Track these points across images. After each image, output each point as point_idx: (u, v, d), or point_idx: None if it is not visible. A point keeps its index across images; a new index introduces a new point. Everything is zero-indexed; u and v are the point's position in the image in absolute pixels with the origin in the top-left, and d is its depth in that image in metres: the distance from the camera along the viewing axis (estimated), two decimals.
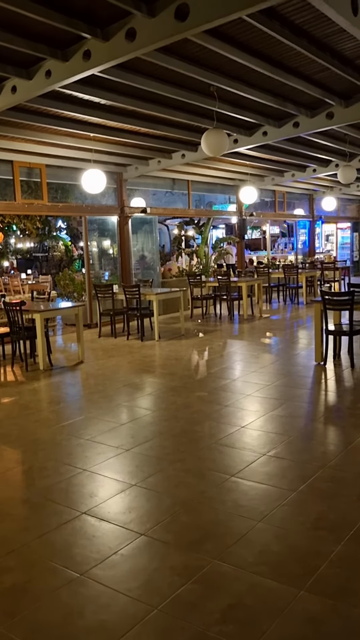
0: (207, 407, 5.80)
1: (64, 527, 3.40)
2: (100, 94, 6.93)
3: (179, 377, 7.08)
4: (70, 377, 7.49)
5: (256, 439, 4.79)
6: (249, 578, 2.80)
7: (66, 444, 4.88)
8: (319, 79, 7.10)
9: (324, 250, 22.52)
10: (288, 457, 4.35)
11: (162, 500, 3.72)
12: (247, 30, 5.38)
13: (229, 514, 3.48)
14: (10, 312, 7.87)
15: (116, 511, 3.60)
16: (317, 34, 5.69)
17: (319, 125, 8.61)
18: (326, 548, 3.03)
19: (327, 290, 7.28)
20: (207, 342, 9.58)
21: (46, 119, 7.94)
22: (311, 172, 14.10)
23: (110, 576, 2.87)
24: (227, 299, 12.39)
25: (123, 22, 4.99)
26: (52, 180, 11.14)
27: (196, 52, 5.94)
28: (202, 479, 4.03)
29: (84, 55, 5.43)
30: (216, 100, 7.40)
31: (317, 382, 6.77)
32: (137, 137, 9.46)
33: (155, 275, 13.55)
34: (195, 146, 10.42)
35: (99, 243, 13.10)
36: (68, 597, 2.73)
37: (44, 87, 6.02)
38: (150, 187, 13.65)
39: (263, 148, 10.81)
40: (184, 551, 3.07)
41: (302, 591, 2.67)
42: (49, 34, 5.25)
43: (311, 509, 3.49)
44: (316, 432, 5.01)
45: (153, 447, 4.69)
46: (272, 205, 18.14)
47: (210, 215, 15.91)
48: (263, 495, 3.71)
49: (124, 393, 6.51)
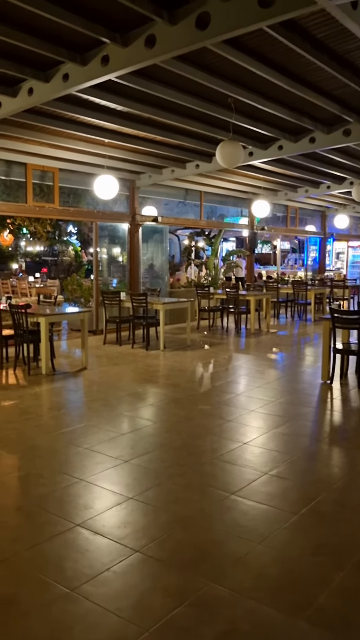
0: (210, 421, 5.69)
1: (57, 539, 3.30)
2: (117, 100, 6.90)
3: (183, 389, 6.98)
4: (73, 383, 7.40)
5: (258, 457, 4.68)
6: (245, 603, 2.68)
7: (64, 451, 4.78)
8: (338, 95, 7.04)
9: (334, 268, 22.40)
10: (290, 477, 4.24)
11: (159, 515, 3.61)
12: (268, 42, 5.32)
13: (228, 533, 3.36)
14: (15, 314, 7.81)
15: (111, 525, 3.49)
16: (338, 50, 5.63)
17: (335, 141, 8.55)
18: (327, 575, 2.91)
19: (336, 308, 7.18)
20: (213, 354, 9.48)
21: (61, 122, 7.92)
22: (325, 188, 14.03)
23: (101, 594, 2.76)
24: (234, 312, 12.30)
25: (143, 28, 4.95)
26: (65, 185, 11.12)
27: (215, 62, 5.90)
28: (202, 495, 3.92)
29: (102, 60, 5.40)
30: (233, 112, 7.36)
31: (323, 401, 6.64)
32: (152, 145, 9.43)
33: (164, 285, 13.49)
34: (209, 157, 10.38)
35: (109, 250, 13.05)
36: (57, 613, 2.62)
37: (60, 91, 5.99)
38: (162, 196, 13.61)
39: (278, 162, 10.76)
40: (179, 571, 2.96)
41: (301, 621, 2.55)
42: (68, 37, 5.22)
43: (313, 533, 3.37)
44: (320, 453, 4.89)
45: (152, 460, 4.59)
46: (284, 220, 18.08)
47: (222, 228, 15.86)
48: (263, 516, 3.59)
49: (126, 402, 6.41)
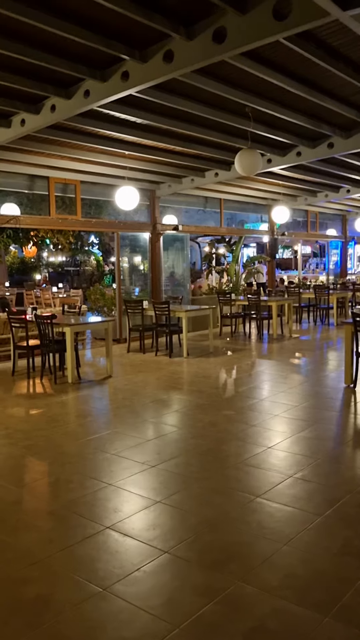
0: (234, 426, 5.77)
1: (88, 541, 3.41)
2: (137, 113, 7.06)
3: (207, 395, 7.06)
4: (98, 391, 7.54)
5: (283, 460, 4.74)
6: (272, 602, 2.76)
7: (92, 457, 4.90)
8: (355, 100, 7.10)
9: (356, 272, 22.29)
10: (315, 480, 4.29)
11: (186, 518, 3.71)
12: (283, 52, 5.42)
13: (254, 535, 3.44)
14: (41, 324, 7.99)
15: (140, 527, 3.59)
16: (353, 57, 5.70)
17: (353, 146, 8.59)
18: (353, 575, 2.97)
19: (358, 312, 7.20)
20: (236, 360, 9.55)
21: (82, 136, 8.12)
22: (345, 192, 14.03)
23: (132, 592, 2.86)
24: (256, 318, 12.35)
25: (161, 44, 5.09)
26: (86, 196, 11.33)
27: (232, 74, 6.01)
28: (227, 498, 4.00)
29: (122, 76, 5.56)
30: (251, 121, 7.46)
31: (346, 404, 6.67)
32: (171, 155, 9.58)
33: (185, 292, 13.60)
34: (228, 165, 10.49)
35: (130, 259, 13.23)
36: (90, 611, 2.73)
37: (82, 107, 6.17)
38: (182, 205, 13.76)
39: (296, 168, 10.82)
40: (207, 571, 3.05)
41: (327, 618, 2.61)
42: (88, 55, 5.39)
43: (338, 534, 3.42)
44: (344, 456, 4.93)
45: (178, 465, 4.68)
46: (305, 225, 18.08)
47: (242, 234, 15.93)
48: (289, 518, 3.66)
49: (151, 409, 6.52)
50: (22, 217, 10.09)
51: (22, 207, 10.25)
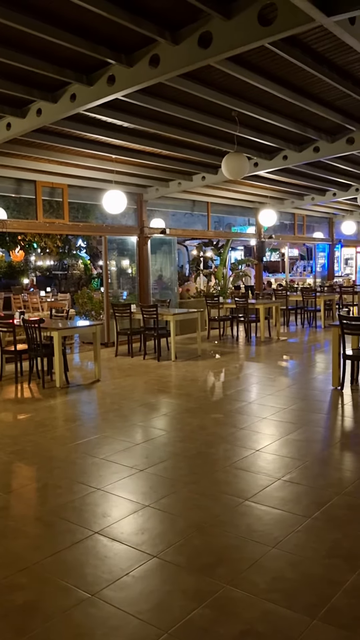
0: (223, 429, 5.78)
1: (77, 547, 3.39)
2: (123, 117, 7.06)
3: (195, 398, 7.07)
4: (86, 396, 7.51)
5: (271, 463, 4.75)
6: (261, 605, 2.76)
7: (81, 462, 4.89)
8: (339, 105, 7.16)
9: (343, 274, 22.44)
10: (303, 482, 4.31)
11: (176, 522, 3.70)
12: (269, 57, 5.46)
13: (243, 538, 3.45)
14: (29, 329, 7.95)
15: (129, 532, 3.58)
16: (338, 62, 5.75)
17: (339, 150, 8.66)
18: (341, 577, 2.99)
19: (345, 315, 7.25)
20: (224, 363, 9.57)
21: (69, 140, 8.11)
22: (331, 195, 14.12)
23: (121, 598, 2.85)
24: (244, 320, 12.38)
25: (147, 48, 5.10)
26: (74, 200, 11.31)
27: (218, 78, 6.04)
28: (216, 502, 4.01)
29: (108, 80, 5.56)
30: (237, 125, 7.49)
31: (334, 407, 6.70)
32: (158, 159, 9.59)
33: (173, 296, 13.60)
34: (215, 169, 10.52)
35: (118, 262, 13.21)
36: (79, 617, 2.72)
37: (68, 110, 6.16)
38: (170, 208, 13.77)
39: (283, 172, 10.87)
40: (197, 575, 3.05)
41: (316, 620, 2.62)
42: (75, 59, 5.39)
43: (326, 537, 3.44)
44: (332, 458, 4.96)
45: (167, 468, 4.68)
46: (292, 228, 18.17)
47: (229, 237, 15.98)
48: (277, 521, 3.67)
49: (139, 413, 6.51)
50: (9, 221, 10.04)
51: (9, 211, 10.20)
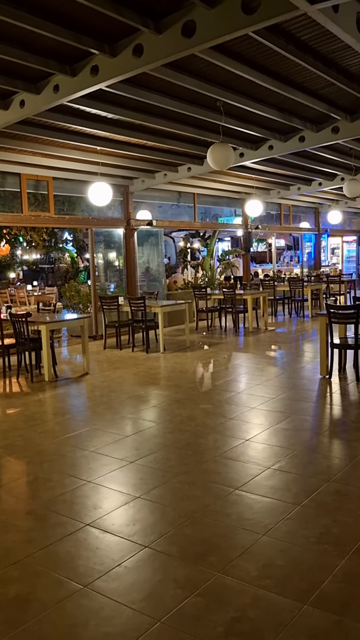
0: (212, 419, 5.80)
1: (68, 539, 3.40)
2: (108, 108, 7.02)
3: (184, 390, 7.08)
4: (75, 389, 7.50)
5: (261, 452, 4.78)
6: (252, 591, 2.79)
7: (71, 455, 4.89)
8: (324, 94, 7.16)
9: (330, 264, 22.54)
10: (293, 470, 4.34)
11: (166, 512, 3.72)
12: (253, 46, 5.44)
13: (233, 527, 3.47)
14: (16, 323, 7.91)
15: (120, 523, 3.59)
16: (322, 50, 5.75)
17: (324, 139, 8.67)
18: (330, 562, 3.02)
19: (332, 304, 7.28)
20: (212, 354, 9.59)
21: (53, 132, 8.04)
22: (317, 185, 14.16)
23: (113, 588, 2.86)
24: (232, 311, 12.41)
25: (130, 38, 5.07)
26: (59, 193, 11.23)
27: (203, 68, 6.02)
28: (207, 491, 4.03)
29: (91, 71, 5.52)
30: (222, 115, 7.47)
31: (322, 395, 6.75)
32: (144, 150, 9.55)
33: (161, 288, 13.59)
34: (201, 160, 10.49)
35: (105, 255, 13.15)
36: (71, 608, 2.72)
37: (52, 102, 6.11)
38: (156, 200, 13.73)
39: (269, 162, 10.88)
40: (188, 564, 3.06)
41: (306, 605, 2.65)
42: (57, 49, 5.33)
43: (316, 523, 3.47)
44: (321, 446, 5.00)
45: (157, 460, 4.69)
46: (278, 218, 18.20)
47: (216, 228, 15.97)
48: (267, 509, 3.70)
49: (128, 405, 6.51)
50: None
51: None
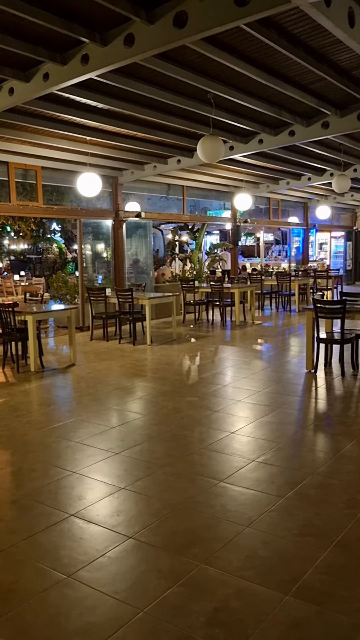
0: (198, 412, 5.82)
1: (52, 529, 3.40)
2: (98, 98, 6.96)
3: (170, 382, 7.09)
4: (62, 380, 7.48)
5: (246, 445, 4.81)
6: (235, 582, 2.81)
7: (56, 446, 4.88)
8: (315, 88, 7.16)
9: (317, 259, 22.62)
10: (277, 463, 4.38)
11: (151, 503, 3.73)
12: (245, 39, 5.42)
13: (217, 518, 3.49)
14: (3, 313, 7.86)
15: (104, 514, 3.60)
16: (313, 45, 5.74)
17: (314, 134, 8.67)
18: (313, 554, 3.05)
19: (319, 299, 7.32)
20: (199, 347, 9.61)
21: (43, 121, 7.96)
22: (306, 180, 14.18)
23: (97, 578, 2.87)
24: (219, 304, 12.42)
25: (122, 27, 5.02)
26: (48, 183, 11.15)
27: (194, 59, 5.98)
28: (191, 483, 4.05)
29: (82, 59, 5.46)
30: (213, 107, 7.45)
31: (308, 389, 6.80)
32: (134, 141, 9.49)
33: (149, 280, 13.57)
34: (191, 152, 10.46)
35: (93, 246, 13.09)
36: (55, 598, 2.73)
37: (41, 90, 6.04)
38: (145, 192, 13.67)
39: (259, 155, 10.86)
40: (172, 554, 3.08)
41: (288, 596, 2.68)
42: (48, 37, 5.27)
43: (299, 515, 3.51)
44: (306, 440, 5.04)
45: (143, 451, 4.70)
46: (267, 212, 18.22)
47: (205, 221, 15.95)
48: (251, 501, 3.72)
49: (114, 396, 6.51)
50: None
51: None
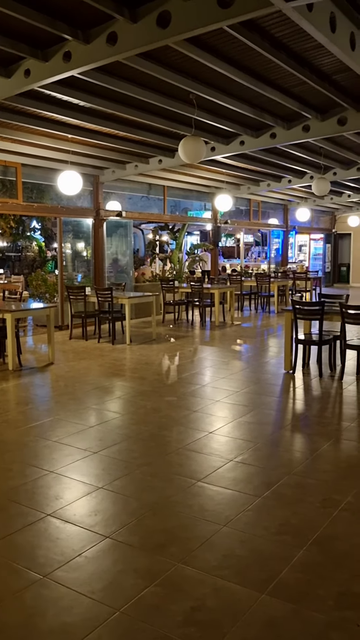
0: (176, 412, 5.82)
1: (28, 529, 3.37)
2: (80, 96, 6.92)
3: (149, 382, 7.08)
4: (40, 379, 7.43)
5: (224, 445, 4.83)
6: (212, 581, 2.82)
7: (33, 445, 4.84)
8: (296, 92, 7.22)
9: (297, 260, 22.80)
10: (255, 463, 4.40)
11: (129, 503, 3.73)
12: (228, 40, 5.44)
13: (195, 518, 3.50)
14: None
15: (82, 513, 3.58)
16: (296, 49, 5.79)
17: (295, 137, 8.75)
18: (289, 553, 3.08)
19: (298, 300, 7.38)
20: (178, 347, 9.61)
21: (23, 117, 7.89)
22: (286, 182, 14.28)
23: (73, 578, 2.86)
24: (199, 305, 12.45)
25: (105, 25, 5.01)
26: (28, 180, 11.06)
27: (177, 60, 5.99)
28: (169, 483, 4.05)
29: (64, 57, 5.43)
30: (195, 108, 7.46)
31: (286, 390, 6.85)
32: (115, 140, 9.47)
33: (129, 279, 13.54)
34: (172, 152, 10.46)
35: (73, 245, 13.02)
36: (30, 598, 2.71)
37: (22, 86, 6.00)
38: (126, 191, 13.65)
39: (240, 157, 10.92)
40: (149, 554, 3.08)
41: (264, 595, 2.70)
42: (30, 33, 5.23)
43: (275, 515, 3.53)
44: (283, 440, 5.08)
45: (121, 451, 4.69)
46: (247, 213, 18.31)
47: (185, 222, 15.98)
48: (229, 500, 3.74)
49: (93, 396, 6.48)
50: None
51: None
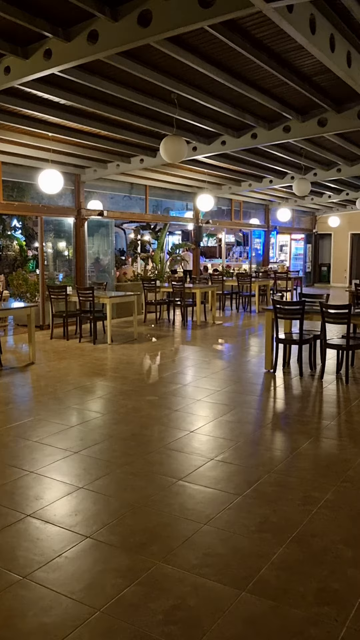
0: (157, 411, 5.82)
1: (8, 530, 3.35)
2: (60, 94, 6.88)
3: (130, 381, 7.07)
4: (20, 378, 7.37)
5: (204, 444, 4.84)
6: (192, 579, 2.83)
7: (13, 445, 4.80)
8: (277, 92, 7.26)
9: (278, 260, 22.93)
10: (235, 462, 4.42)
11: (109, 503, 3.72)
12: (209, 40, 5.46)
13: (175, 517, 3.50)
14: None
15: (62, 514, 3.57)
16: (277, 49, 5.82)
17: (276, 137, 8.79)
18: (269, 550, 3.10)
19: (279, 300, 7.43)
20: (160, 347, 9.61)
21: (4, 115, 7.82)
22: (267, 182, 14.35)
23: (53, 579, 2.85)
24: (181, 304, 12.46)
25: (86, 24, 4.99)
26: (8, 178, 10.96)
27: (158, 59, 5.99)
28: (150, 482, 4.05)
29: (44, 54, 5.40)
30: (176, 108, 7.46)
31: (266, 389, 6.89)
32: (97, 139, 9.43)
33: (110, 279, 13.50)
34: (154, 151, 10.45)
35: (54, 244, 12.95)
36: (9, 599, 2.69)
37: (2, 84, 5.94)
38: (108, 191, 13.60)
39: (221, 157, 10.95)
40: (129, 553, 3.08)
41: (244, 592, 2.71)
42: (9, 30, 5.19)
43: (256, 513, 3.55)
44: (263, 438, 5.10)
45: (102, 450, 4.67)
46: (229, 213, 18.36)
47: (167, 221, 15.98)
48: (209, 499, 3.75)
49: (74, 395, 6.45)
50: None
51: None
